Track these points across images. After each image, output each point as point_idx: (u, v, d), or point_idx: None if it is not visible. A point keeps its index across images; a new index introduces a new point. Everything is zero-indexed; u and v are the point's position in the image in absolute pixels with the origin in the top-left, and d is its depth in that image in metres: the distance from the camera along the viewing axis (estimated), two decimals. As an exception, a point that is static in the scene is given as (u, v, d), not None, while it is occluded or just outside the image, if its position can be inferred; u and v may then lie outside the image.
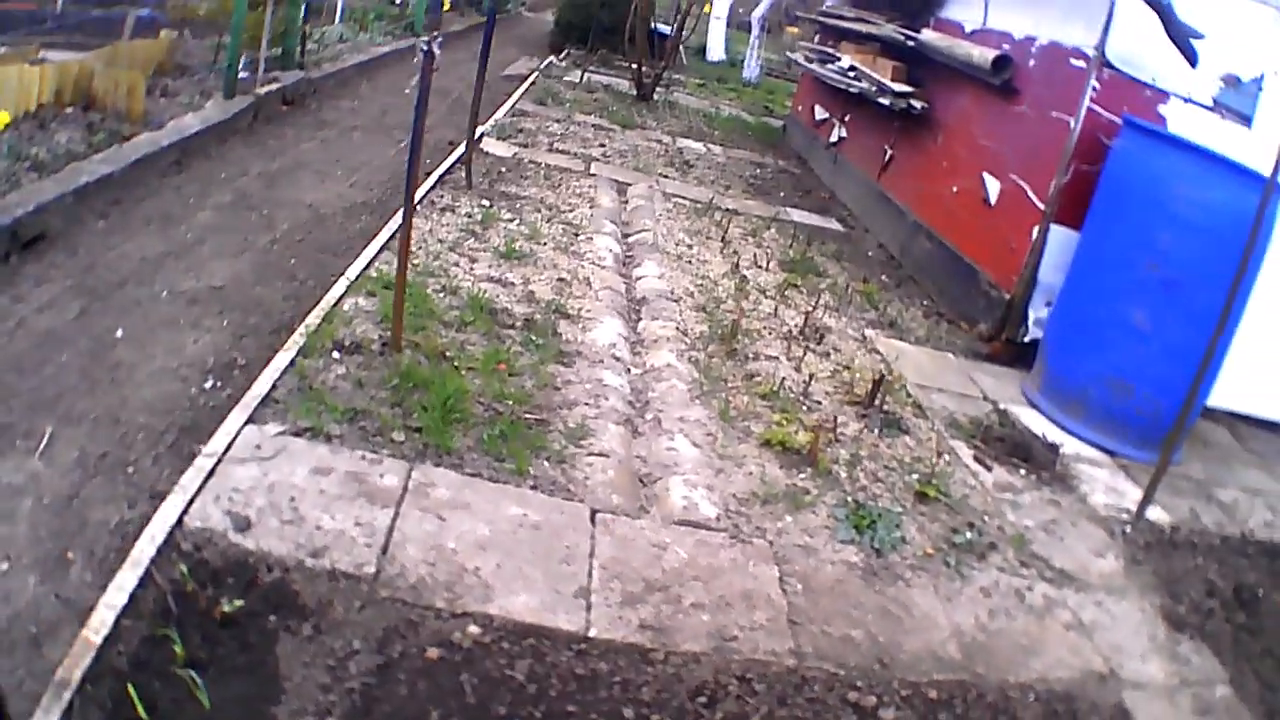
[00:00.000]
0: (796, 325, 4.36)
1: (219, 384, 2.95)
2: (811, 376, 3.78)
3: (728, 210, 6.12)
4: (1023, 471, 3.51)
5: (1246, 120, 4.14)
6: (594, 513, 2.59)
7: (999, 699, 2.34)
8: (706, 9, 11.54)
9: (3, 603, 1.98)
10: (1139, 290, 3.67)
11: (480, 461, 2.67)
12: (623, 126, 7.99)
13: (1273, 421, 4.22)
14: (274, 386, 2.69)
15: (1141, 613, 2.80)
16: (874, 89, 5.98)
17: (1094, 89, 4.22)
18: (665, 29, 11.78)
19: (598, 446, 2.92)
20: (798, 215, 6.50)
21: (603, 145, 7.11)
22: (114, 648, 1.85)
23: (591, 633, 2.17)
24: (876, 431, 3.51)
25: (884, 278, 5.56)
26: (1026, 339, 4.53)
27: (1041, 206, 4.42)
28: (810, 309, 4.57)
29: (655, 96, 9.76)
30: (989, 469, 3.47)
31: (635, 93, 9.62)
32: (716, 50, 15.30)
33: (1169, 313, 3.62)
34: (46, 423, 2.53)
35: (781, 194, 7.05)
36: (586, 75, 10.21)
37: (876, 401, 3.68)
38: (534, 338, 3.55)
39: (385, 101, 7.48)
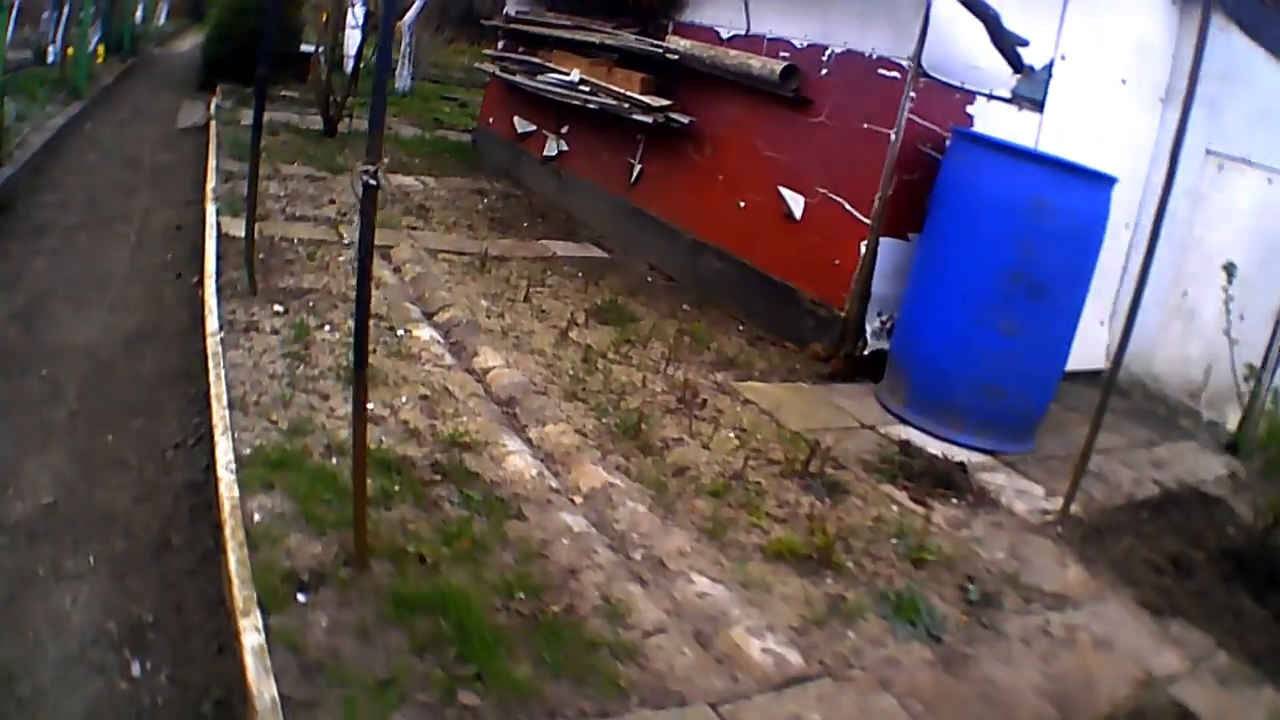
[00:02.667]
0: (664, 390, 4.43)
1: (147, 664, 2.42)
2: (746, 461, 3.87)
3: (497, 258, 5.96)
4: (954, 500, 3.93)
5: (1039, 106, 4.87)
6: (713, 707, 2.50)
7: (1102, 733, 2.72)
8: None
9: None
10: (1005, 300, 4.19)
11: (565, 690, 2.42)
12: (332, 172, 7.43)
13: (1069, 371, 5.05)
14: (276, 679, 2.19)
15: (1126, 610, 3.33)
16: (624, 104, 6.10)
17: (911, 99, 4.63)
18: (308, 48, 11.34)
19: (644, 621, 2.78)
20: (558, 248, 6.51)
21: (332, 201, 6.60)
22: None
23: None
24: (828, 502, 3.73)
25: (685, 307, 5.79)
26: (866, 352, 5.02)
27: (866, 220, 4.82)
28: (662, 366, 4.67)
29: (341, 129, 9.21)
30: (930, 508, 3.84)
31: (323, 128, 8.94)
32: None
33: (1035, 317, 4.20)
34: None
35: (525, 224, 7.00)
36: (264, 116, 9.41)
37: (811, 469, 3.90)
38: (464, 491, 3.27)
39: (88, 186, 6.89)
